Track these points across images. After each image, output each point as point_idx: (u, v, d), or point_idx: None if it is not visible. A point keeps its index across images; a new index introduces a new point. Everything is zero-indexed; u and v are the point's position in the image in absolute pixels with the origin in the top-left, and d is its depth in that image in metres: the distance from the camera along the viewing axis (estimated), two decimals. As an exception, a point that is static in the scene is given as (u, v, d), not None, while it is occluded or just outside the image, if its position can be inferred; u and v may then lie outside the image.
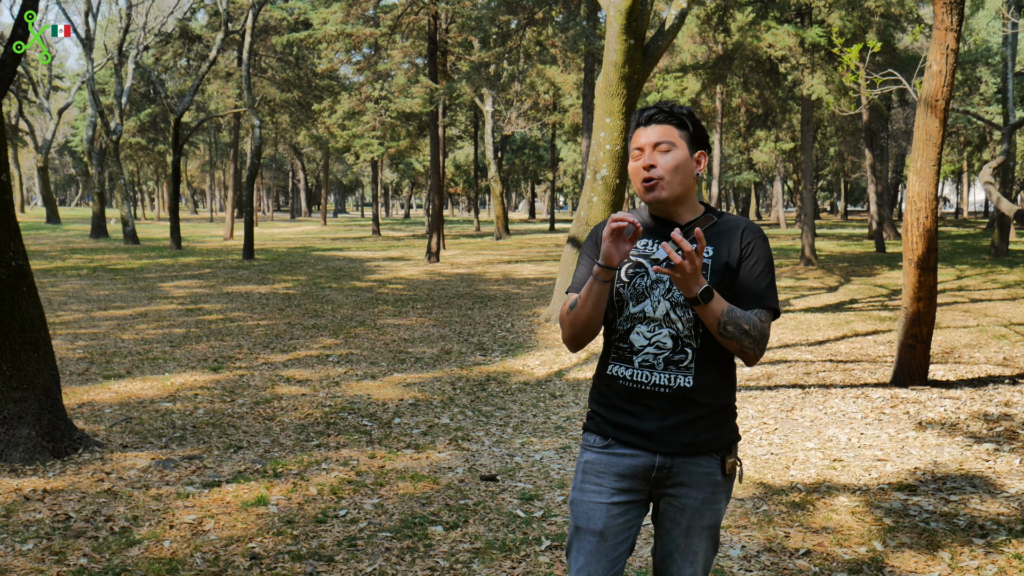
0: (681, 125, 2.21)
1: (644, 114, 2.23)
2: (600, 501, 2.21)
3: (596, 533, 2.21)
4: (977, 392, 6.96)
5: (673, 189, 2.19)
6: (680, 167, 2.18)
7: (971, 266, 19.73)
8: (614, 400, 2.23)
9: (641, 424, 2.18)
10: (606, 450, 2.23)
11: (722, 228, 2.24)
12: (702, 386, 2.17)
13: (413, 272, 19.49)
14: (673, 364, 2.16)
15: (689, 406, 2.16)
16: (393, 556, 3.75)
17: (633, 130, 2.26)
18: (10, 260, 4.96)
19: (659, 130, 2.20)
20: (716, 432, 2.20)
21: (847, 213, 60.52)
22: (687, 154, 2.20)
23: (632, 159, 2.25)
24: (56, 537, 3.88)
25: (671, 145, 2.19)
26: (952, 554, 3.77)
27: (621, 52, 10.09)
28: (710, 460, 2.20)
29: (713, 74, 23.90)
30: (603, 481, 2.22)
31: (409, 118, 29.90)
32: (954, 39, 6.71)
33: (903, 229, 7.23)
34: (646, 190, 2.19)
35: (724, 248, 2.20)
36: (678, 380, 2.16)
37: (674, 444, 2.17)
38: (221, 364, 8.12)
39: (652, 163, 2.18)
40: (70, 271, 17.86)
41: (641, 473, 2.20)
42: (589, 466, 2.25)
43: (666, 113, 2.22)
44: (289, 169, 74.46)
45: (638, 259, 2.22)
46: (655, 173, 2.17)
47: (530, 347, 9.39)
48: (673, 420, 2.16)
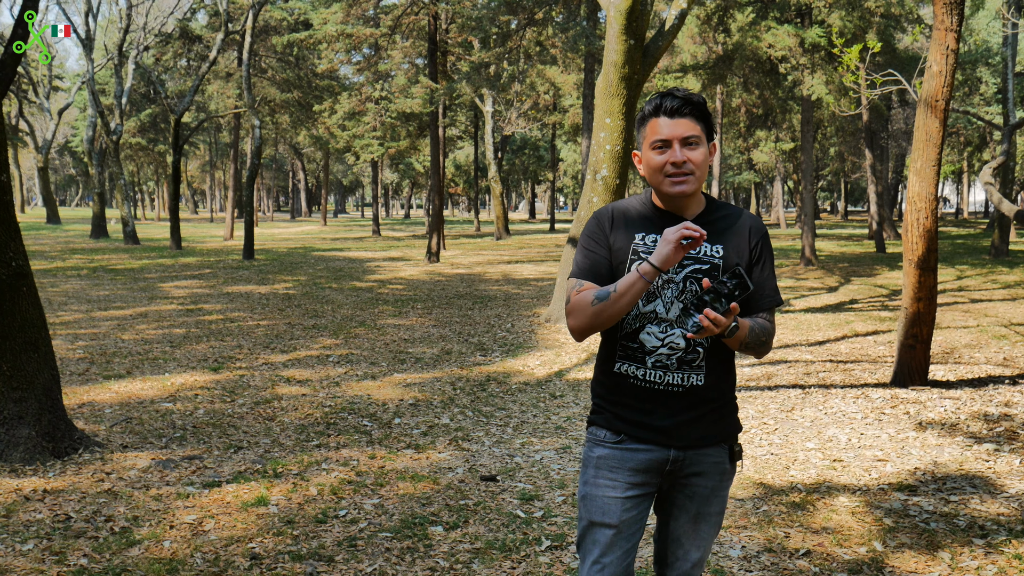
0: (701, 118, 2.19)
1: (669, 104, 2.17)
2: (615, 496, 2.24)
3: (612, 527, 2.24)
4: (977, 392, 6.96)
5: (698, 184, 2.20)
6: (705, 162, 2.19)
7: (971, 266, 19.73)
8: (623, 398, 2.24)
9: (654, 421, 2.21)
10: (620, 446, 2.25)
11: (728, 224, 2.23)
12: (712, 383, 2.21)
13: (413, 272, 19.49)
14: (686, 364, 2.19)
15: (700, 403, 2.21)
16: (393, 556, 3.75)
17: (651, 118, 2.19)
18: (10, 260, 4.96)
19: (686, 124, 2.16)
20: (723, 424, 2.27)
21: (847, 213, 60.51)
22: (706, 149, 2.20)
23: (651, 150, 2.19)
24: (56, 537, 3.88)
25: (699, 139, 2.17)
26: (952, 554, 3.77)
27: (621, 52, 10.09)
28: (719, 450, 2.27)
29: (713, 74, 23.88)
30: (617, 476, 2.24)
31: (409, 118, 29.90)
32: (954, 39, 6.71)
33: (903, 229, 7.23)
34: (672, 183, 2.17)
35: (732, 248, 2.20)
36: (691, 379, 2.19)
37: (687, 438, 2.22)
38: (221, 364, 8.12)
39: (685, 159, 2.15)
40: (70, 271, 17.86)
41: (656, 467, 2.24)
42: (603, 461, 2.26)
43: (692, 105, 2.17)
44: (289, 169, 74.45)
45: (646, 254, 2.19)
46: (688, 168, 2.16)
47: (530, 347, 9.39)
48: (685, 416, 2.20)
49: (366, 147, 32.48)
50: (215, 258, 22.54)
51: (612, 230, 2.26)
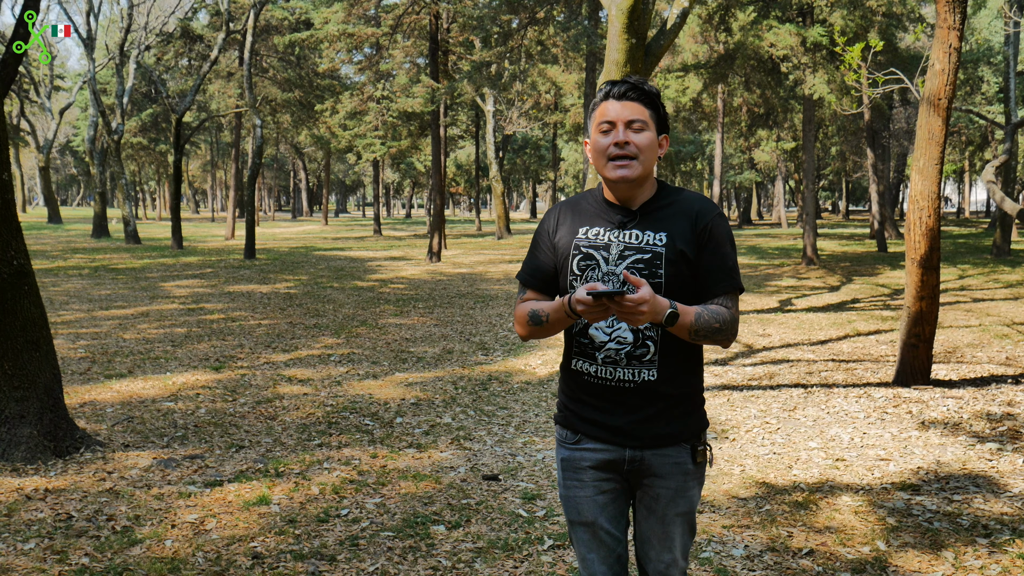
0: (652, 105, 2.14)
1: (617, 88, 2.14)
2: (585, 495, 2.23)
3: (588, 525, 2.24)
4: (980, 392, 6.94)
5: (642, 170, 2.12)
6: (650, 148, 2.12)
7: (973, 265, 19.70)
8: (580, 394, 2.22)
9: (609, 419, 2.17)
10: (577, 446, 2.23)
11: (675, 210, 2.16)
12: (667, 378, 2.14)
13: (415, 272, 19.48)
14: (636, 359, 2.12)
15: (655, 399, 2.14)
16: (395, 555, 3.75)
17: (600, 102, 2.16)
18: (12, 259, 4.96)
19: (633, 107, 2.12)
20: (684, 422, 2.18)
21: (849, 213, 60.48)
22: (655, 136, 2.14)
23: (597, 132, 2.15)
24: (58, 536, 3.87)
25: (644, 124, 2.12)
26: (956, 554, 3.76)
27: (623, 51, 10.08)
28: (679, 450, 2.18)
29: (715, 73, 23.88)
30: (582, 476, 2.23)
31: (410, 118, 29.89)
32: (957, 38, 6.70)
33: (906, 228, 7.22)
34: (615, 167, 2.11)
35: (676, 234, 2.12)
36: (642, 375, 2.13)
37: (642, 437, 2.15)
38: (223, 363, 8.12)
39: (627, 140, 2.10)
40: (72, 271, 17.87)
41: (614, 467, 2.20)
42: (566, 463, 2.26)
43: (640, 91, 2.13)
44: (290, 169, 74.47)
45: (588, 250, 2.16)
46: (630, 151, 2.10)
47: (532, 346, 9.38)
48: (641, 414, 2.14)
49: (367, 146, 32.49)
50: (216, 257, 22.54)
51: (558, 227, 2.25)
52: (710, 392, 7.11)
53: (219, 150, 54.42)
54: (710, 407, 6.58)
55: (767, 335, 10.26)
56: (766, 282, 17.16)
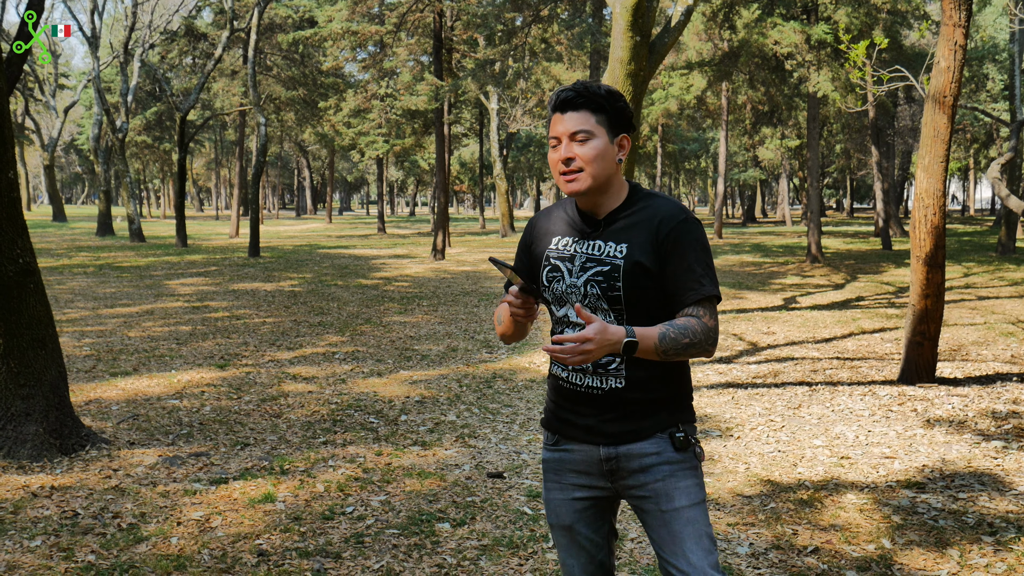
0: (598, 109, 2.06)
1: (559, 98, 2.08)
2: (562, 498, 2.22)
3: (565, 528, 2.22)
4: (985, 389, 6.93)
5: (592, 181, 2.06)
6: (599, 156, 2.05)
7: (978, 263, 19.66)
8: (556, 397, 2.23)
9: (580, 419, 2.16)
10: (556, 448, 2.23)
11: (638, 219, 2.09)
12: (635, 385, 2.10)
13: (419, 270, 19.50)
14: (602, 367, 2.10)
15: (622, 403, 2.11)
16: (400, 553, 3.75)
17: (552, 114, 2.12)
18: (17, 257, 4.97)
19: (576, 118, 2.05)
20: (655, 418, 2.11)
21: (853, 210, 60.35)
22: (607, 141, 2.07)
23: (550, 148, 2.12)
24: (64, 534, 3.88)
25: (588, 134, 2.05)
26: (961, 552, 3.76)
27: (627, 49, 10.07)
28: (657, 441, 2.11)
29: (719, 71, 23.84)
30: (561, 478, 2.22)
31: (414, 115, 29.92)
32: (962, 35, 6.68)
33: (911, 226, 7.20)
34: (566, 182, 2.08)
35: (637, 245, 2.06)
36: (610, 382, 2.11)
37: (614, 434, 2.12)
38: (227, 361, 8.13)
39: (570, 155, 2.06)
40: (77, 269, 17.91)
41: (592, 467, 2.16)
42: (547, 465, 2.26)
43: (583, 97, 2.06)
44: (294, 167, 74.53)
45: (556, 261, 2.15)
46: (573, 166, 2.06)
47: (536, 344, 9.38)
48: (609, 415, 2.12)
49: (371, 144, 32.51)
50: (221, 255, 22.57)
51: (535, 238, 2.25)
52: (715, 390, 7.11)
53: (223, 148, 54.50)
54: (715, 405, 6.58)
55: (771, 333, 10.25)
56: (770, 280, 17.14)
